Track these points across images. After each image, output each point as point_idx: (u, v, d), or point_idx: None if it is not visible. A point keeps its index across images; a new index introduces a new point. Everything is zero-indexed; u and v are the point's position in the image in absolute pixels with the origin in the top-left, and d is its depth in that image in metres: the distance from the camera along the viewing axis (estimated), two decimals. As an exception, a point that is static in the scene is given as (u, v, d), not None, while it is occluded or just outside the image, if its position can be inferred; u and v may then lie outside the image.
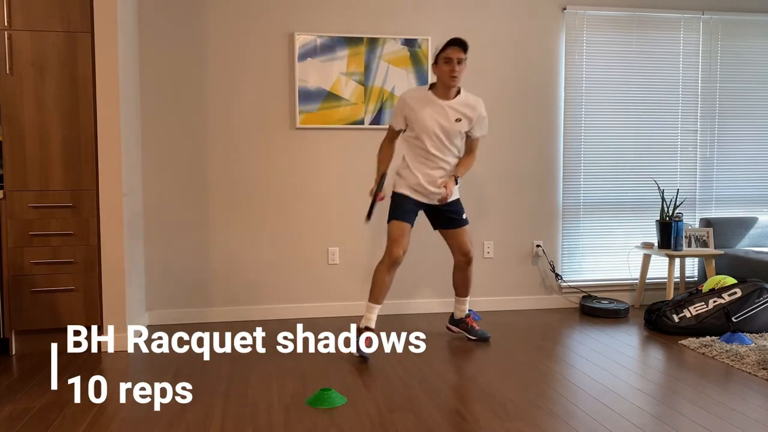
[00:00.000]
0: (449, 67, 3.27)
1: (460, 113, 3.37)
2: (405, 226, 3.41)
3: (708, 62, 4.65)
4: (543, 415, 2.59)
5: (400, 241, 3.37)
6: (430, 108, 3.35)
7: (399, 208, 3.44)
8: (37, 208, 3.39)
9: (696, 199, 4.72)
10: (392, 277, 3.43)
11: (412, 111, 3.36)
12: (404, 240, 3.39)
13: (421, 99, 3.38)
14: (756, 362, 3.21)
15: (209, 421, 2.51)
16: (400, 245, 3.37)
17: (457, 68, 3.28)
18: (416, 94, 3.43)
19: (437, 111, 3.36)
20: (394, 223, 3.42)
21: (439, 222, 3.57)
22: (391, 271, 3.41)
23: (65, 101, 3.39)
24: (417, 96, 3.40)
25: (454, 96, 3.39)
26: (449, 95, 3.37)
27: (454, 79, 3.29)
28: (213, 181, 4.12)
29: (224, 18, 4.06)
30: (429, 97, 3.38)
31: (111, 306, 3.47)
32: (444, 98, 3.37)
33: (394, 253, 3.36)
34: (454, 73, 3.27)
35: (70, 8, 3.36)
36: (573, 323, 4.11)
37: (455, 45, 3.27)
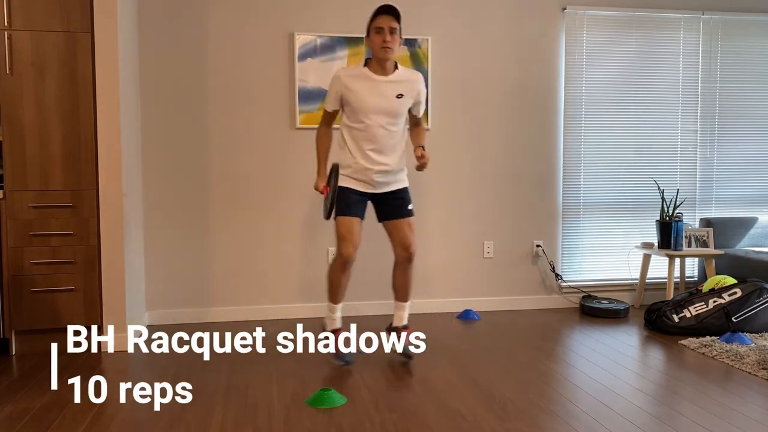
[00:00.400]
0: (380, 37, 3.02)
1: (401, 89, 3.12)
2: (352, 220, 3.13)
3: (708, 62, 4.64)
4: (543, 415, 2.59)
5: (349, 239, 3.11)
6: (367, 85, 3.08)
7: (343, 202, 3.14)
8: (37, 208, 3.39)
9: (696, 199, 4.72)
10: (348, 276, 3.22)
11: (348, 90, 3.08)
12: (353, 236, 3.12)
13: (357, 76, 3.11)
14: (756, 362, 3.21)
15: (209, 421, 2.51)
16: (350, 242, 3.10)
17: (389, 38, 3.02)
18: (351, 71, 3.16)
19: (375, 88, 3.09)
20: (339, 220, 3.14)
21: (384, 211, 3.26)
22: (346, 270, 3.18)
23: (65, 101, 3.39)
24: (352, 73, 3.13)
25: (392, 71, 3.13)
26: (386, 70, 3.11)
27: (386, 50, 3.03)
28: (213, 180, 4.12)
29: (224, 18, 4.06)
30: (365, 74, 3.11)
31: (111, 306, 3.47)
32: (381, 74, 3.11)
33: (344, 252, 3.11)
34: (386, 43, 3.01)
35: (70, 8, 3.36)
36: (573, 323, 4.11)
37: (385, 13, 3.04)
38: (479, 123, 4.38)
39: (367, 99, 3.08)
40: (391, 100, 3.10)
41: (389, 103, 3.09)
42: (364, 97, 3.08)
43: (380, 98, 3.09)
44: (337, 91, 3.12)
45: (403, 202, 3.24)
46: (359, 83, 3.09)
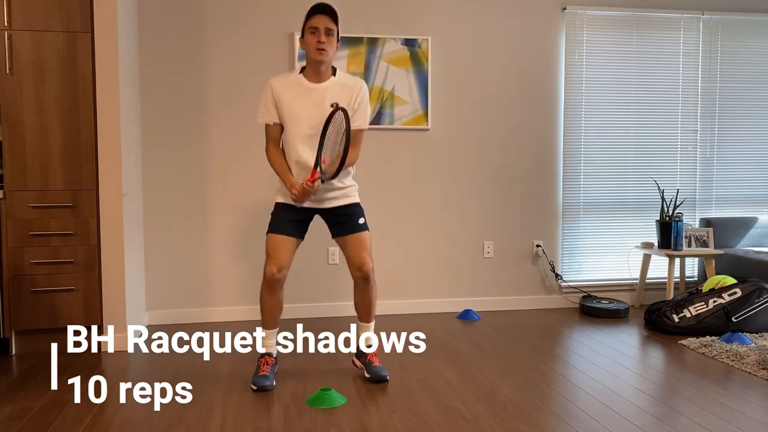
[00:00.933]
0: (315, 38, 2.77)
1: (336, 96, 2.84)
2: (280, 239, 2.88)
3: (708, 62, 4.65)
4: (543, 415, 2.59)
5: (274, 257, 2.86)
6: (299, 93, 2.84)
7: (274, 219, 2.95)
8: (37, 208, 3.39)
9: (696, 199, 4.72)
10: (278, 297, 2.94)
11: (280, 100, 2.85)
12: (280, 254, 2.86)
13: (290, 84, 2.87)
14: (756, 362, 3.21)
15: (209, 421, 2.51)
16: (274, 261, 2.85)
17: (325, 39, 2.77)
18: (283, 79, 2.90)
19: (308, 96, 2.83)
20: (268, 237, 2.92)
21: (334, 227, 3.02)
22: (274, 291, 2.91)
23: (65, 101, 3.39)
24: (284, 82, 2.88)
25: (328, 77, 2.87)
26: (321, 76, 2.85)
27: (321, 52, 2.77)
28: (213, 180, 4.11)
29: (224, 18, 4.06)
30: (298, 81, 2.87)
31: (111, 306, 3.47)
32: (315, 80, 2.85)
33: (267, 271, 2.87)
34: (320, 45, 2.76)
35: (70, 8, 3.36)
36: (573, 323, 4.11)
37: (320, 12, 2.78)
38: (479, 123, 4.38)
39: (297, 109, 2.83)
40: (323, 109, 2.80)
41: (321, 113, 2.79)
42: (294, 107, 2.83)
43: (312, 107, 2.82)
44: (271, 99, 2.87)
45: (350, 218, 2.96)
46: (290, 91, 2.85)
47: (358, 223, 2.97)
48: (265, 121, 2.91)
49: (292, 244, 2.93)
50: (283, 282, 2.92)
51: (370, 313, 3.10)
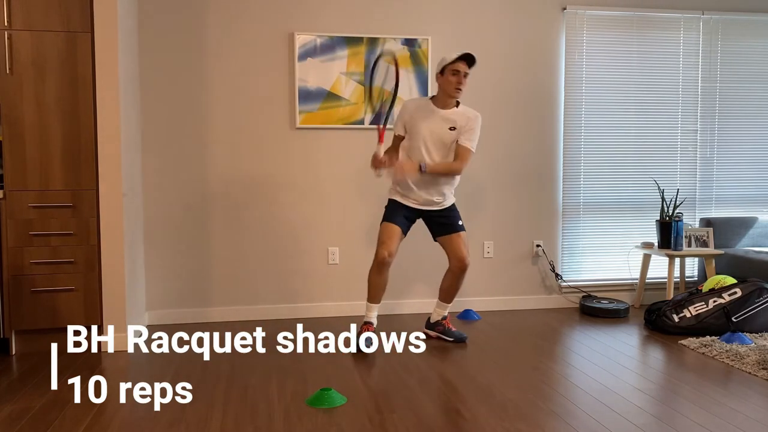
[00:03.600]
0: (456, 79, 3.37)
1: (455, 122, 3.44)
2: (393, 228, 3.45)
3: (708, 62, 4.65)
4: (543, 415, 2.59)
5: (387, 243, 3.41)
6: (427, 115, 3.45)
7: (389, 211, 3.52)
8: (37, 208, 3.39)
9: (696, 199, 4.72)
10: (384, 277, 3.46)
11: (411, 118, 3.47)
12: (392, 242, 3.42)
13: (421, 107, 3.48)
14: (756, 362, 3.21)
15: (209, 421, 2.51)
16: (386, 247, 3.40)
17: (463, 81, 3.39)
18: (418, 103, 3.53)
19: (434, 119, 3.44)
20: (383, 225, 3.49)
21: (434, 229, 3.60)
22: (381, 272, 3.44)
23: (65, 101, 3.39)
24: (418, 104, 3.51)
25: (453, 107, 3.48)
26: (448, 105, 3.46)
27: (459, 91, 3.40)
28: (213, 180, 4.12)
29: (224, 18, 4.06)
30: (428, 106, 3.48)
31: (111, 306, 3.47)
32: (443, 108, 3.46)
33: (379, 254, 3.41)
34: (459, 85, 3.38)
35: (70, 8, 3.36)
36: (573, 323, 4.11)
37: (465, 60, 3.38)
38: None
39: (422, 128, 3.43)
40: (443, 131, 3.43)
41: (441, 134, 3.42)
42: (420, 126, 3.44)
43: (434, 128, 3.43)
44: (402, 117, 3.50)
45: (450, 220, 3.55)
46: (421, 113, 3.46)
47: (458, 224, 3.56)
48: (395, 132, 3.56)
49: (400, 234, 3.47)
50: (390, 265, 3.43)
51: (453, 296, 3.65)
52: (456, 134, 3.44)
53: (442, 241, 3.58)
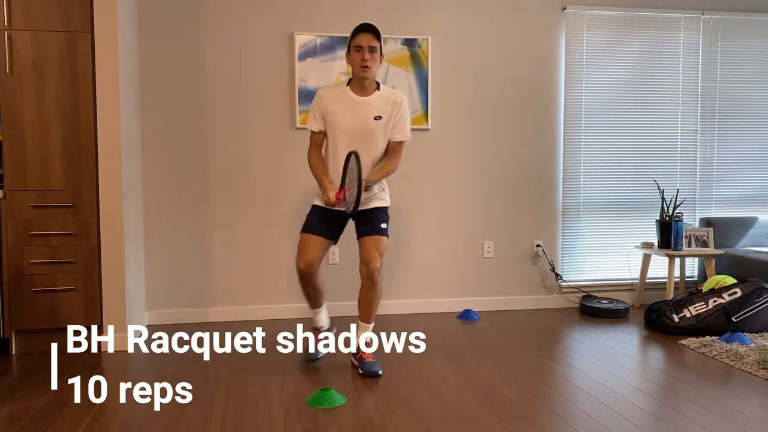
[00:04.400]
0: (360, 56, 2.98)
1: (379, 110, 3.06)
2: (311, 238, 3.09)
3: (708, 62, 4.65)
4: (543, 415, 2.59)
5: (303, 253, 3.07)
6: (346, 105, 3.06)
7: (308, 219, 3.17)
8: (37, 208, 3.39)
9: (696, 199, 4.72)
10: (313, 286, 3.16)
11: (328, 109, 3.07)
12: (308, 252, 3.06)
13: (338, 95, 3.08)
14: (756, 362, 3.21)
15: (209, 421, 2.51)
16: (302, 257, 3.07)
17: (369, 56, 2.98)
18: (333, 90, 3.12)
19: (353, 108, 3.05)
20: (301, 236, 3.14)
21: (358, 227, 3.18)
22: (306, 282, 3.13)
23: (65, 101, 3.39)
24: (333, 93, 3.11)
25: (373, 91, 3.09)
26: (366, 90, 3.07)
27: (365, 69, 2.99)
28: (213, 180, 4.12)
29: (224, 18, 4.06)
30: (346, 93, 3.08)
31: (111, 306, 3.47)
32: (361, 94, 3.07)
33: (296, 265, 3.10)
34: (365, 62, 2.97)
35: (70, 8, 3.36)
36: (573, 323, 4.11)
37: (365, 31, 3.00)
38: (479, 123, 4.38)
39: (343, 119, 3.05)
40: (367, 121, 3.05)
41: (366, 124, 3.05)
42: (341, 117, 3.05)
43: (357, 119, 3.05)
44: (319, 109, 3.09)
45: (375, 221, 3.12)
46: (339, 102, 3.06)
47: (380, 226, 3.13)
48: (310, 128, 3.15)
49: (322, 243, 3.12)
50: (314, 275, 3.12)
51: (370, 312, 3.15)
52: (383, 124, 3.06)
53: (359, 242, 3.15)
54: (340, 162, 3.02)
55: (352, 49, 3.02)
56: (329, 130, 3.10)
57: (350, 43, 3.03)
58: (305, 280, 3.14)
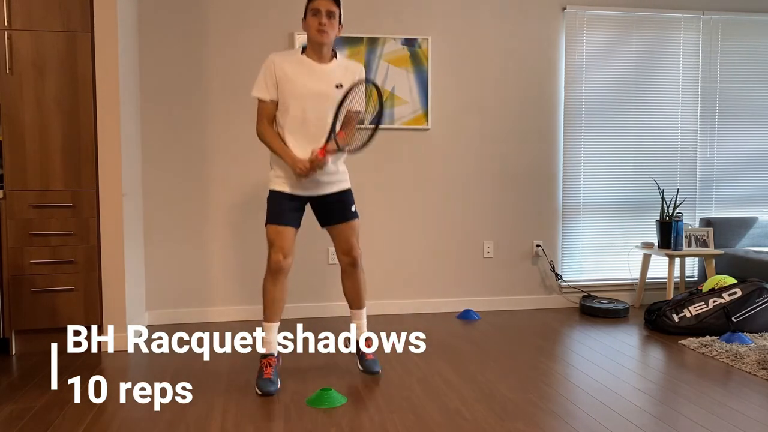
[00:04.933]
0: (316, 20, 2.78)
1: (340, 77, 2.86)
2: (282, 229, 2.85)
3: (708, 62, 4.64)
4: (543, 415, 2.59)
5: (279, 245, 2.83)
6: (305, 71, 2.83)
7: (274, 209, 2.89)
8: (37, 208, 3.39)
9: (696, 199, 4.72)
10: (282, 287, 2.90)
11: (285, 75, 2.81)
12: (284, 242, 2.83)
13: (295, 62, 2.84)
14: (756, 362, 3.21)
15: (209, 421, 2.51)
16: (279, 250, 2.82)
17: (326, 21, 2.78)
18: (287, 57, 2.87)
19: (313, 74, 2.82)
20: (269, 228, 2.87)
21: (325, 215, 3.01)
22: (278, 280, 2.87)
23: (65, 101, 3.39)
24: (288, 59, 2.85)
25: (330, 59, 2.89)
26: (323, 57, 2.86)
27: (322, 33, 2.78)
28: (213, 180, 4.11)
29: (224, 18, 4.06)
30: (302, 60, 2.85)
31: (111, 306, 3.47)
32: (319, 61, 2.85)
33: (272, 259, 2.84)
34: (321, 26, 2.77)
35: (70, 8, 3.36)
36: (573, 323, 4.11)
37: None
38: (479, 123, 4.38)
39: (303, 87, 2.80)
40: (329, 88, 2.82)
41: (328, 91, 2.82)
42: (301, 84, 2.80)
43: (318, 86, 2.82)
44: (273, 76, 2.82)
45: (345, 205, 2.98)
46: (295, 68, 2.82)
47: (351, 210, 2.99)
48: (261, 97, 2.86)
49: (293, 233, 2.90)
50: (288, 271, 2.89)
51: (361, 297, 3.12)
52: (343, 92, 2.82)
53: (331, 230, 3.01)
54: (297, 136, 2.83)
55: (309, 12, 2.81)
56: (282, 98, 2.83)
57: (307, 6, 2.83)
58: (278, 278, 2.86)
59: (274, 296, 2.89)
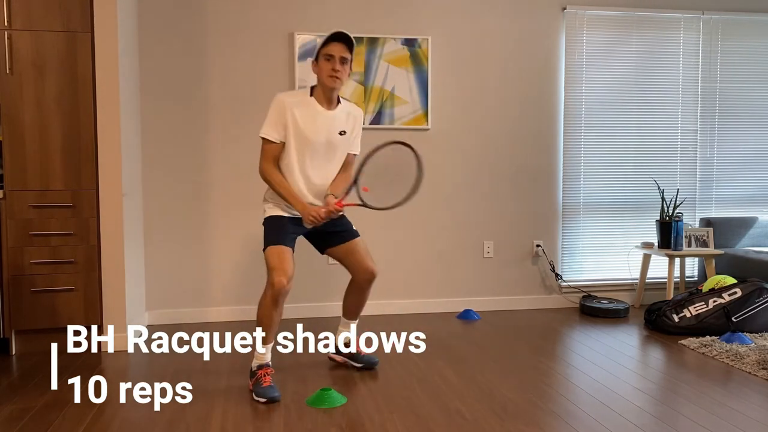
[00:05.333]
0: (330, 65, 2.81)
1: (344, 125, 2.95)
2: (284, 249, 2.82)
3: (708, 62, 4.65)
4: (543, 415, 2.59)
5: (282, 268, 2.76)
6: (311, 116, 2.87)
7: (274, 231, 2.88)
8: (37, 208, 3.39)
9: (696, 198, 4.72)
10: (280, 311, 2.83)
11: (294, 120, 2.84)
12: (287, 266, 2.78)
13: (304, 105, 2.87)
14: (756, 362, 3.21)
15: (209, 421, 2.51)
16: (283, 272, 2.75)
17: (340, 67, 2.82)
18: (297, 98, 2.90)
19: (321, 121, 2.87)
20: (270, 249, 2.82)
21: (325, 240, 3.05)
22: (278, 303, 2.79)
23: (65, 101, 3.39)
24: (298, 101, 2.88)
25: (336, 104, 2.94)
26: (332, 102, 2.91)
27: (334, 79, 2.82)
28: (213, 180, 4.12)
29: (224, 18, 4.06)
30: (312, 106, 2.88)
31: (111, 306, 3.47)
32: (326, 106, 2.90)
33: (276, 283, 2.73)
34: (335, 72, 2.81)
35: (70, 8, 3.36)
36: (573, 323, 4.11)
37: (338, 40, 2.82)
38: (479, 123, 4.38)
39: (311, 133, 2.85)
40: (333, 136, 2.91)
41: (332, 139, 2.90)
42: (309, 130, 2.85)
43: (324, 133, 2.88)
44: (283, 118, 2.85)
45: (343, 227, 3.03)
46: (303, 112, 2.86)
47: (353, 228, 3.06)
48: (270, 138, 2.86)
49: (292, 255, 2.86)
50: (288, 293, 2.83)
51: (359, 312, 3.22)
52: (346, 139, 2.95)
53: (339, 251, 3.03)
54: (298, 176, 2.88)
55: (322, 57, 2.83)
56: (288, 141, 2.86)
57: (320, 50, 2.84)
58: (279, 301, 2.79)
59: (275, 319, 2.83)
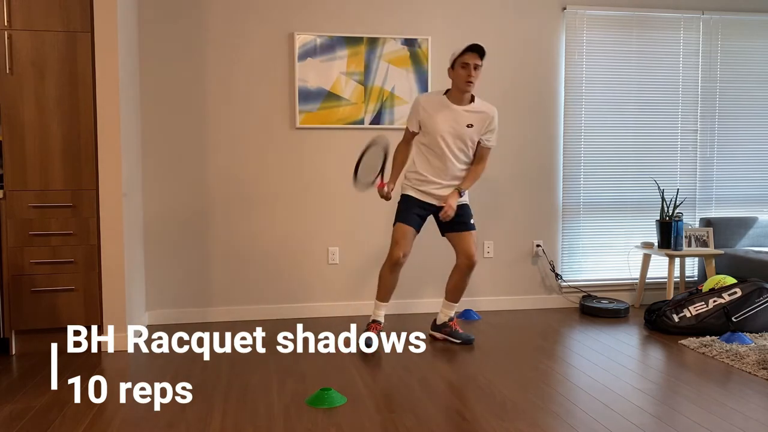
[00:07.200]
0: (466, 72, 3.34)
1: (472, 119, 3.43)
2: (407, 229, 3.45)
3: (708, 62, 4.65)
4: (543, 415, 2.59)
5: (401, 243, 3.42)
6: (443, 112, 3.42)
7: (404, 210, 3.50)
8: (37, 208, 3.39)
9: (696, 198, 4.72)
10: (396, 276, 3.50)
11: (427, 114, 3.43)
12: (405, 242, 3.43)
13: (436, 103, 3.45)
14: (756, 362, 3.21)
15: (209, 421, 2.51)
16: (401, 247, 3.42)
17: (474, 73, 3.35)
18: (431, 98, 3.50)
19: (450, 115, 3.42)
20: (397, 226, 3.47)
21: (446, 225, 3.55)
22: (394, 271, 3.47)
23: (65, 101, 3.39)
24: (432, 100, 3.47)
25: (468, 102, 3.45)
26: (463, 100, 3.44)
27: (469, 84, 3.36)
28: (213, 180, 4.12)
29: (224, 18, 4.06)
30: (443, 102, 3.45)
31: (111, 306, 3.47)
32: (458, 103, 3.43)
33: (393, 254, 3.42)
34: (470, 78, 3.35)
35: (70, 8, 3.36)
36: (573, 323, 4.11)
37: (474, 51, 3.35)
38: (479, 123, 4.38)
39: (439, 125, 3.41)
40: (461, 128, 3.42)
41: (459, 130, 3.42)
42: (437, 122, 3.41)
43: (452, 125, 3.41)
44: (417, 114, 3.46)
45: (463, 218, 3.52)
46: (436, 109, 3.43)
47: (471, 222, 3.56)
48: (409, 127, 3.53)
49: (414, 234, 3.49)
50: (403, 265, 3.48)
51: (460, 295, 3.66)
52: (474, 132, 3.45)
53: (452, 237, 3.57)
54: (433, 161, 3.46)
55: (458, 64, 3.36)
56: (425, 132, 3.46)
57: (457, 59, 3.37)
58: (395, 270, 3.46)
59: (390, 283, 3.51)
